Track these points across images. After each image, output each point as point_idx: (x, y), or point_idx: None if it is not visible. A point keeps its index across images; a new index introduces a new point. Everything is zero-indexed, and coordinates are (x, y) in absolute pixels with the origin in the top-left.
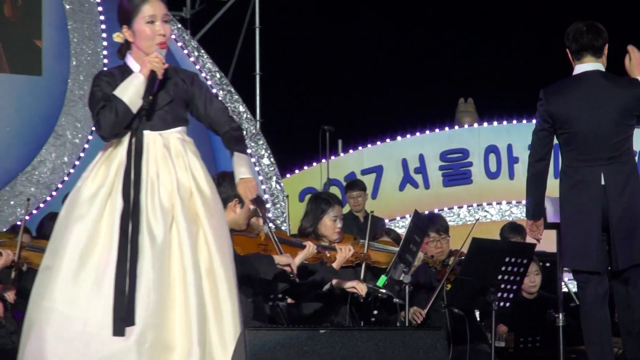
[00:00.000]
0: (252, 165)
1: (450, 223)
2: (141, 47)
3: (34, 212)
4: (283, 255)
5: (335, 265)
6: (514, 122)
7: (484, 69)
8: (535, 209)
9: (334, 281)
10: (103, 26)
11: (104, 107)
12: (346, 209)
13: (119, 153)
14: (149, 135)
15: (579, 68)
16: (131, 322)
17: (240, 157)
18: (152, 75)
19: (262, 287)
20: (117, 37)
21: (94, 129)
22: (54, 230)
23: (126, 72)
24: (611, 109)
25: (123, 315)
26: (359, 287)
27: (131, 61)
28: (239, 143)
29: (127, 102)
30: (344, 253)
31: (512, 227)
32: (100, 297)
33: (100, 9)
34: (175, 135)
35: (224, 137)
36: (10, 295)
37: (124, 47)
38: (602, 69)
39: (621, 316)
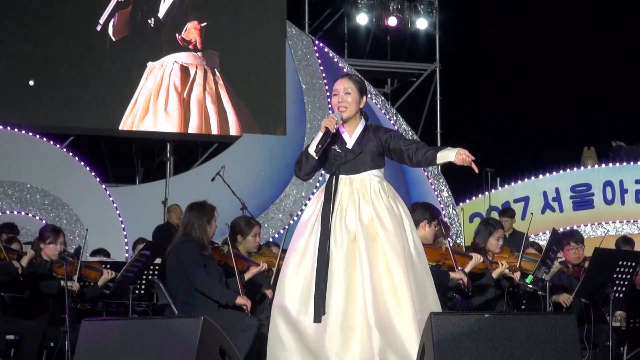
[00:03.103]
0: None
1: None
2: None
3: (282, 231)
4: (458, 271)
5: (494, 274)
6: (624, 163)
7: (603, 122)
8: None
9: (494, 273)
10: (329, 100)
11: (300, 155)
12: None
13: (325, 192)
14: (342, 178)
15: None
16: (324, 311)
17: (441, 148)
18: (326, 130)
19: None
20: None
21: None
22: None
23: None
24: None
25: (320, 308)
26: (515, 276)
27: None
28: (430, 146)
29: (309, 151)
30: (501, 268)
31: (624, 240)
32: (307, 294)
33: (326, 87)
34: (364, 177)
35: (417, 152)
36: (270, 293)
37: None
38: None
39: None
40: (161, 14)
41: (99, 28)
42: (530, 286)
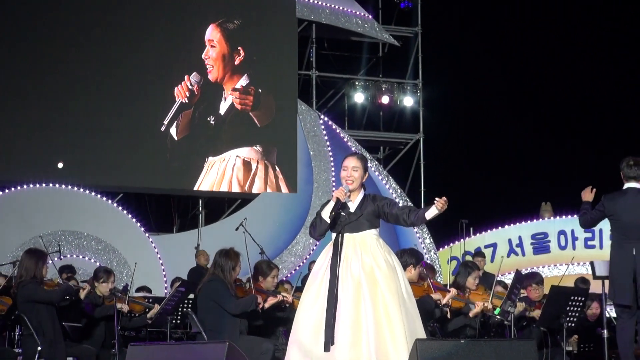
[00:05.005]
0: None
1: None
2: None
3: (293, 272)
4: (437, 292)
5: (471, 314)
6: (575, 216)
7: (557, 181)
8: None
9: (471, 313)
10: (332, 164)
11: (315, 219)
12: None
13: (332, 247)
14: (347, 236)
15: (626, 185)
16: (333, 342)
17: (425, 210)
18: (337, 200)
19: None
20: None
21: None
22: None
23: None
24: None
25: (329, 339)
26: (490, 310)
27: None
28: (416, 208)
29: (323, 216)
30: (477, 309)
31: (582, 280)
32: (318, 329)
33: (330, 153)
34: (364, 235)
35: (410, 215)
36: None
37: None
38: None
39: None
40: (222, 111)
41: (162, 128)
42: (498, 317)
